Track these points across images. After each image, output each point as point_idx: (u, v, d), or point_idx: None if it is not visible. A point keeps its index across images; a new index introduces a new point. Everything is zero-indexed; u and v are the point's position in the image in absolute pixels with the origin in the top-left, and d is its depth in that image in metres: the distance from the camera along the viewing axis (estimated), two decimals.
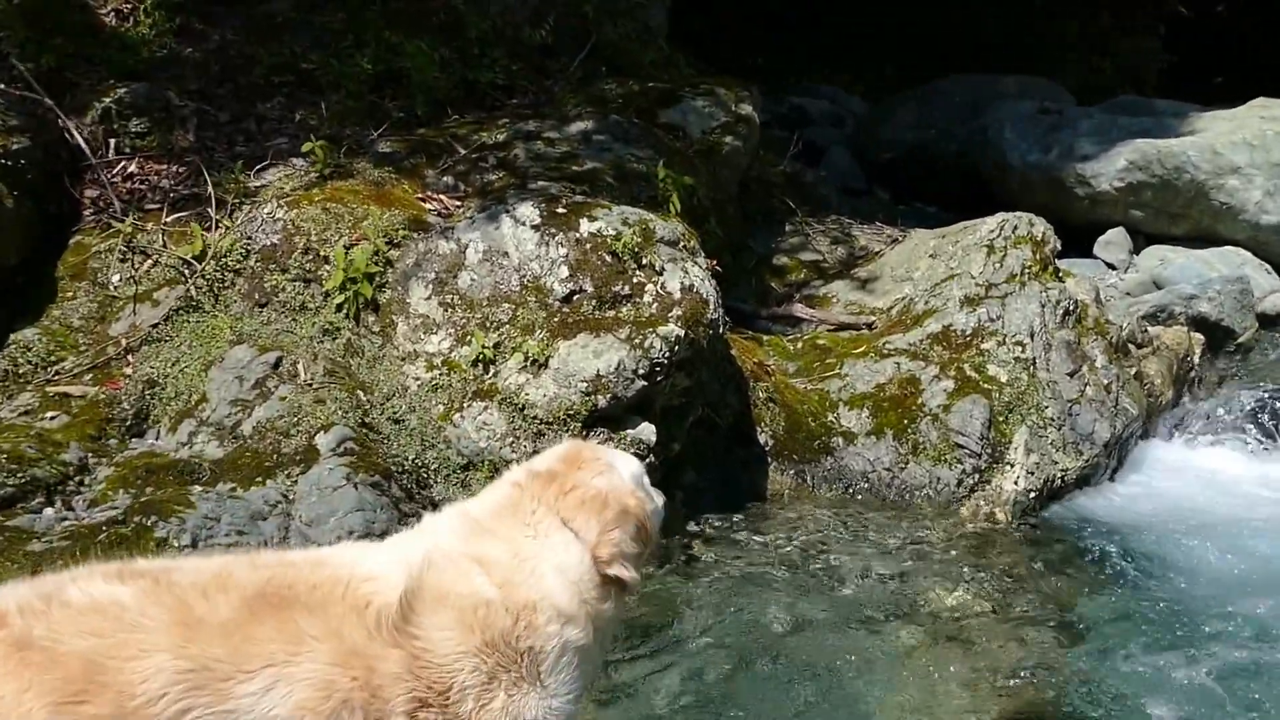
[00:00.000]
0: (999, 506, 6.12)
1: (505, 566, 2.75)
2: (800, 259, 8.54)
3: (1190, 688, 4.57)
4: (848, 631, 4.94)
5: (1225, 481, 6.90)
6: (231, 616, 2.45)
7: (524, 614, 2.70)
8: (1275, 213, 9.60)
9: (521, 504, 2.91)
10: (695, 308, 5.69)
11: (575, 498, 2.90)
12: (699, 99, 8.03)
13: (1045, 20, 15.59)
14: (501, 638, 2.66)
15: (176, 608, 2.42)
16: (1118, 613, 5.19)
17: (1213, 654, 4.81)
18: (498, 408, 5.41)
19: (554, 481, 2.94)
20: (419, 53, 7.57)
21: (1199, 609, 5.22)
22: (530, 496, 2.91)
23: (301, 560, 2.79)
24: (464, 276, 5.79)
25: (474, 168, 6.81)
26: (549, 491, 2.91)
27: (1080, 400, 6.61)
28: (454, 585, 2.68)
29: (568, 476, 2.96)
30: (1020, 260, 7.04)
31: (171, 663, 2.34)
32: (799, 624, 4.96)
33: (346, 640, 2.52)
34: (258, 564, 2.68)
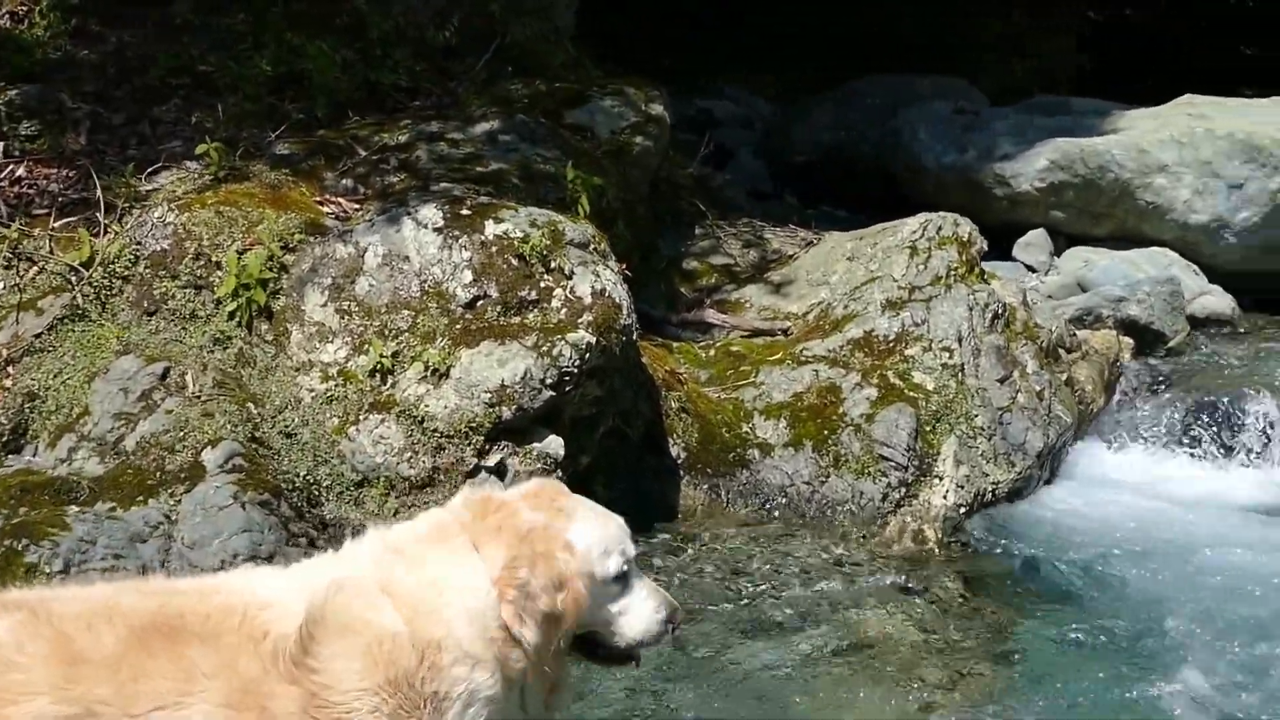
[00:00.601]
0: (927, 523, 6.08)
1: (412, 596, 2.59)
2: (711, 262, 8.53)
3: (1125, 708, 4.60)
4: (766, 660, 4.88)
5: (1160, 490, 6.91)
6: (118, 650, 2.33)
7: (429, 652, 2.52)
8: (1204, 212, 9.72)
9: (449, 529, 2.76)
10: (607, 313, 5.66)
11: (493, 523, 2.73)
12: (608, 99, 8.01)
13: (961, 21, 15.78)
14: (405, 677, 2.49)
15: (57, 642, 2.30)
16: (1052, 636, 5.18)
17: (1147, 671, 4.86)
18: (395, 420, 5.33)
19: (490, 509, 2.79)
20: (320, 54, 7.49)
21: (1134, 627, 5.25)
22: (459, 522, 2.76)
23: (194, 587, 2.67)
24: (362, 282, 5.70)
25: (375, 169, 6.74)
26: (478, 517, 2.76)
27: (1011, 408, 6.62)
28: (360, 614, 2.52)
29: (507, 505, 2.79)
30: (945, 262, 7.06)
31: (52, 708, 2.22)
32: (713, 652, 4.91)
33: (240, 675, 2.40)
34: (146, 591, 2.57)
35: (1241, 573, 5.83)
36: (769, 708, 4.57)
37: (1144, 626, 5.25)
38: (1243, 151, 9.72)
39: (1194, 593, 5.57)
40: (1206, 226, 9.83)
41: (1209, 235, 9.88)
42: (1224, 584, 5.70)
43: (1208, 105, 10.58)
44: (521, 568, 2.62)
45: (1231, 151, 9.73)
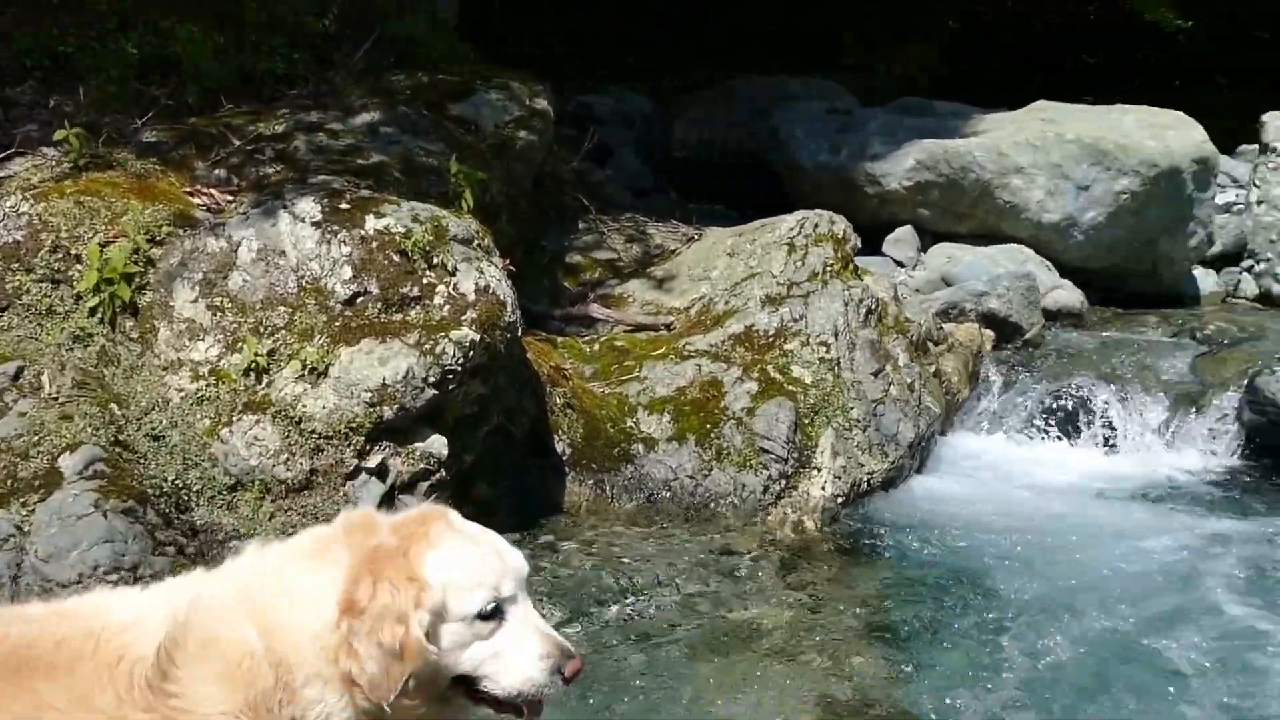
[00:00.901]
0: (807, 513, 5.81)
1: (267, 612, 2.18)
2: (595, 257, 8.11)
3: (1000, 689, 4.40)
4: (652, 652, 4.56)
5: (1022, 475, 6.90)
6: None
7: (282, 672, 2.14)
8: (1056, 211, 9.69)
9: (323, 546, 2.32)
10: (491, 310, 5.19)
11: (355, 543, 2.28)
12: (492, 92, 7.51)
13: (828, 27, 15.67)
14: (264, 700, 2.11)
15: None
16: (929, 620, 4.97)
17: (1015, 646, 4.71)
18: (271, 421, 4.81)
19: (358, 529, 2.33)
20: (191, 38, 6.83)
21: (1006, 608, 5.09)
22: (333, 540, 2.32)
23: (45, 612, 2.25)
24: (235, 277, 5.14)
25: (249, 160, 6.13)
26: (354, 535, 2.31)
27: (885, 400, 6.39)
28: (219, 633, 2.13)
29: (374, 527, 2.34)
30: (822, 258, 6.78)
31: None
32: (600, 646, 4.57)
33: (95, 708, 2.02)
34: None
35: (1094, 550, 5.79)
36: (652, 704, 4.23)
37: (1011, 604, 5.12)
38: (1089, 155, 9.72)
39: (1053, 570, 5.49)
40: (1058, 225, 9.80)
41: (1060, 233, 9.85)
42: (1080, 561, 5.63)
43: (1057, 111, 10.55)
44: (358, 595, 2.18)
45: (1080, 155, 9.73)
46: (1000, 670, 4.55)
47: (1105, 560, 5.68)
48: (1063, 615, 5.01)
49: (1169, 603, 5.21)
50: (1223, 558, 5.72)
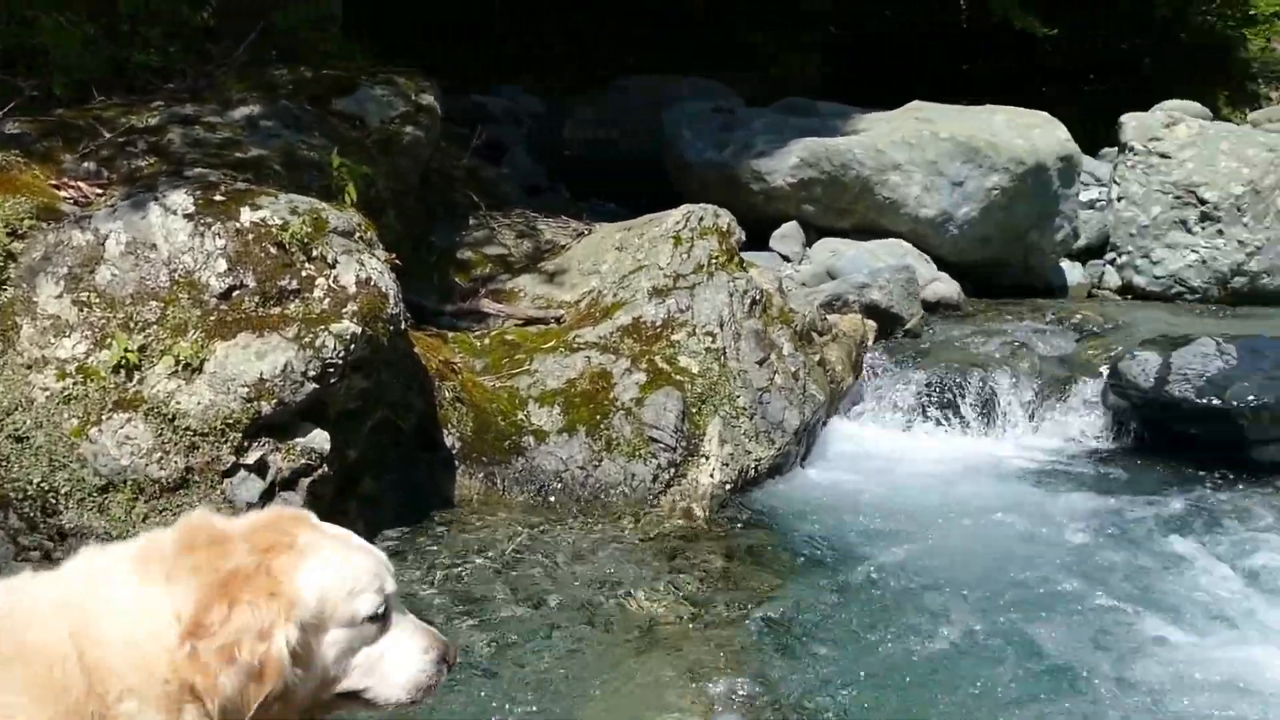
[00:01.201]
0: (695, 501, 5.61)
1: (86, 618, 1.94)
2: (486, 253, 7.85)
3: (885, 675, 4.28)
4: (542, 644, 4.33)
5: (904, 461, 6.82)
6: None
7: (96, 681, 1.90)
8: (932, 206, 9.70)
9: (153, 552, 2.06)
10: (373, 302, 4.90)
11: (200, 559, 2.02)
12: (378, 88, 7.20)
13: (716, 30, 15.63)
14: (77, 709, 1.87)
15: None
16: (813, 605, 4.80)
17: (897, 633, 4.59)
18: (143, 419, 4.46)
19: (200, 542, 2.07)
20: (58, 28, 6.40)
21: (890, 593, 4.97)
22: (166, 548, 2.07)
23: None
24: (103, 271, 4.77)
25: (121, 153, 5.75)
26: (184, 550, 2.05)
27: (770, 388, 6.21)
28: (30, 639, 1.89)
29: (219, 540, 2.09)
30: (707, 251, 6.60)
31: None
32: (490, 640, 4.32)
33: None
34: None
35: (969, 530, 5.77)
36: (540, 695, 4.01)
37: (891, 586, 5.02)
38: (962, 153, 9.77)
39: (931, 551, 5.42)
40: (934, 220, 9.82)
41: (936, 228, 9.87)
42: (956, 542, 5.58)
43: (932, 110, 10.58)
44: (209, 619, 1.94)
45: (953, 153, 9.77)
46: (878, 653, 4.44)
47: (980, 539, 5.65)
48: (938, 595, 4.93)
49: (1040, 577, 5.15)
50: (1092, 532, 5.75)
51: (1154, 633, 4.60)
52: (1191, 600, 4.92)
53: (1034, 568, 5.27)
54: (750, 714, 3.98)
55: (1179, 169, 10.77)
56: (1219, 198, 10.55)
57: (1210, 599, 4.94)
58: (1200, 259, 10.67)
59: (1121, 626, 4.66)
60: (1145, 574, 5.23)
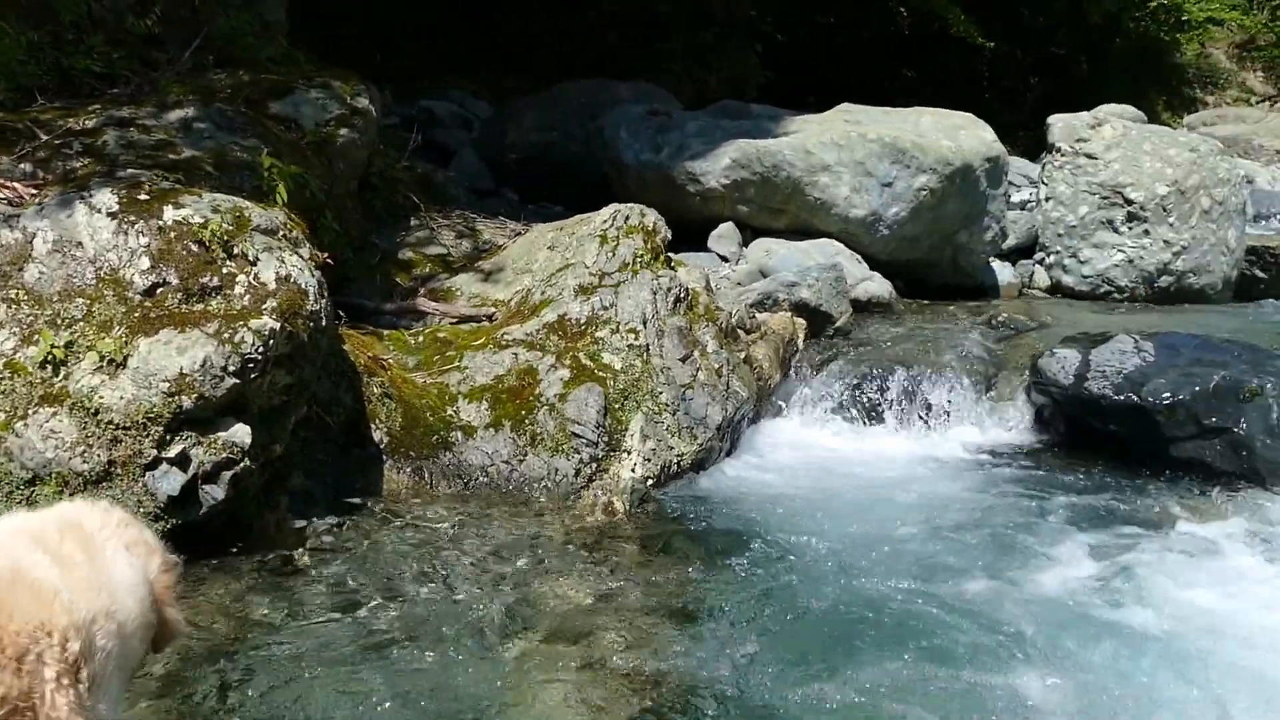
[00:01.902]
0: (617, 495, 5.70)
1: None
2: (426, 253, 7.94)
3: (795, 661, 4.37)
4: (461, 637, 4.40)
5: (830, 458, 6.88)
6: None
7: None
8: (862, 207, 9.83)
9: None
10: (292, 299, 4.98)
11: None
12: (313, 91, 7.27)
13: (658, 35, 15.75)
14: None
15: None
16: (734, 599, 4.88)
17: (814, 625, 4.68)
18: (68, 413, 4.53)
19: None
20: (2, 35, 6.43)
21: (802, 582, 5.05)
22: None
23: None
24: (31, 269, 4.84)
25: (57, 154, 5.79)
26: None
27: (693, 385, 6.32)
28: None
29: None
30: (632, 249, 6.72)
31: None
32: (410, 631, 4.40)
33: None
34: None
35: (889, 525, 5.82)
36: (455, 687, 4.07)
37: (808, 576, 5.09)
38: (890, 154, 9.87)
39: (851, 547, 5.47)
40: (864, 220, 9.94)
41: (866, 228, 9.99)
42: (876, 536, 5.63)
43: (861, 113, 10.74)
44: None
45: (881, 154, 9.87)
46: (788, 639, 4.52)
47: (899, 533, 5.71)
48: (847, 585, 5.00)
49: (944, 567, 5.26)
50: (999, 525, 5.82)
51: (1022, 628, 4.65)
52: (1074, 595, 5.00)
53: (938, 559, 5.37)
54: (661, 702, 4.06)
55: (1105, 169, 10.98)
56: (1144, 198, 10.76)
57: (1089, 595, 5.01)
58: (1127, 258, 10.88)
59: (1003, 618, 4.73)
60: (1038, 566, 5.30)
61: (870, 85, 16.59)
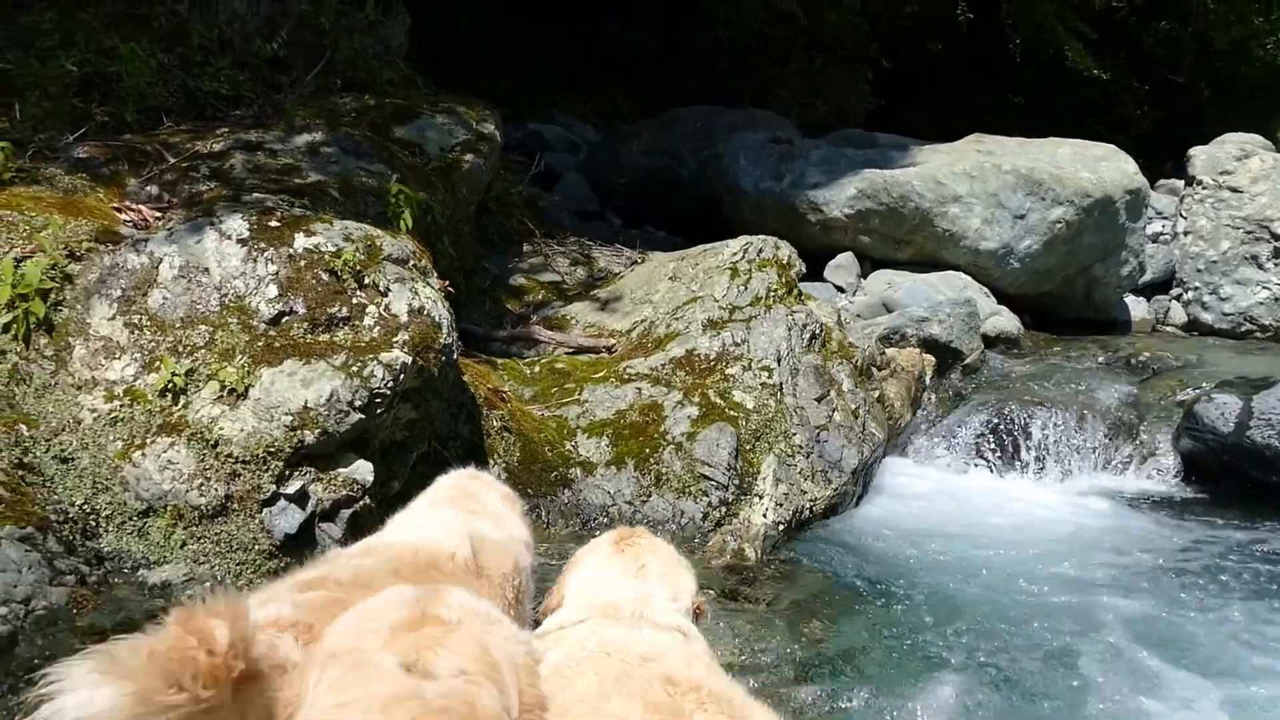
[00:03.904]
0: (747, 541, 5.30)
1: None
2: (539, 280, 7.68)
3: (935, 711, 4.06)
4: None
5: (965, 502, 6.51)
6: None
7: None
8: (993, 239, 9.37)
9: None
10: (425, 332, 4.72)
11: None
12: (439, 116, 7.08)
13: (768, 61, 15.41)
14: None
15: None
16: (872, 654, 4.53)
17: (962, 684, 4.33)
18: (186, 444, 4.31)
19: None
20: (133, 56, 6.32)
21: (949, 640, 4.69)
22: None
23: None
24: (155, 295, 4.64)
25: (184, 177, 5.64)
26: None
27: (828, 426, 5.92)
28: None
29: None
30: (765, 283, 6.35)
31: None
32: None
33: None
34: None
35: (1035, 578, 5.44)
36: None
37: (955, 635, 4.73)
38: (1025, 185, 9.44)
39: (996, 599, 5.14)
40: (994, 253, 9.50)
41: (997, 261, 9.54)
42: (1023, 589, 5.29)
43: (994, 143, 10.30)
44: None
45: (1015, 185, 9.45)
46: (940, 701, 4.16)
47: (1045, 588, 5.33)
48: (1003, 645, 4.64)
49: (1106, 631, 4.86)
50: (1164, 585, 5.40)
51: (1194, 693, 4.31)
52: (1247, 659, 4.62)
53: (1090, 615, 5.00)
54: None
55: (1250, 203, 10.36)
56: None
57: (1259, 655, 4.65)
58: (1272, 295, 10.25)
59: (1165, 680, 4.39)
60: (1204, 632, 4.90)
61: (978, 112, 16.06)
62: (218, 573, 4.20)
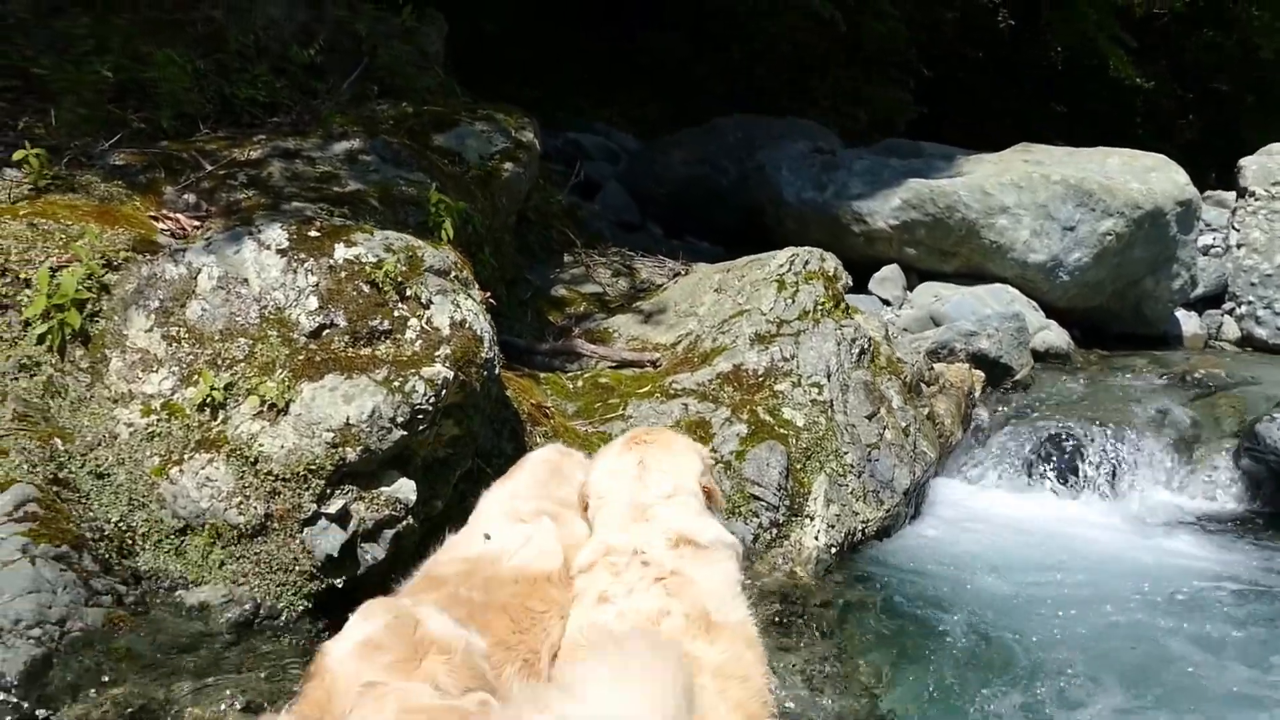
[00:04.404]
0: (799, 564, 5.12)
1: None
2: (580, 291, 7.54)
3: None
4: None
5: (1021, 524, 6.31)
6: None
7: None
8: (1041, 251, 9.17)
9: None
10: (467, 346, 4.58)
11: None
12: (478, 124, 6.96)
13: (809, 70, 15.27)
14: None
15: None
16: (930, 682, 4.40)
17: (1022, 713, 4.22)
18: (225, 460, 4.19)
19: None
20: (169, 62, 6.24)
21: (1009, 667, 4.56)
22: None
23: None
24: (194, 306, 4.53)
25: (221, 185, 5.54)
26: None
27: (879, 445, 5.74)
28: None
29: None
30: (813, 296, 6.18)
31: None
32: None
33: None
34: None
35: (1098, 602, 5.27)
36: None
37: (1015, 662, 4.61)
38: (1075, 196, 9.24)
39: (1058, 625, 4.99)
40: (1043, 265, 9.30)
41: (1045, 273, 9.34)
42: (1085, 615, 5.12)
43: (1042, 152, 10.11)
44: None
45: (1065, 195, 9.25)
46: None
47: (1108, 613, 5.17)
48: (1067, 674, 4.49)
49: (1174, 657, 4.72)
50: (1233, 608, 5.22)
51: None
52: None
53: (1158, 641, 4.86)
54: None
55: None
56: None
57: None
58: None
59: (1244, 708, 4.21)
60: None
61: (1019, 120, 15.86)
62: (257, 594, 4.08)
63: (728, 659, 2.69)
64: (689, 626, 2.72)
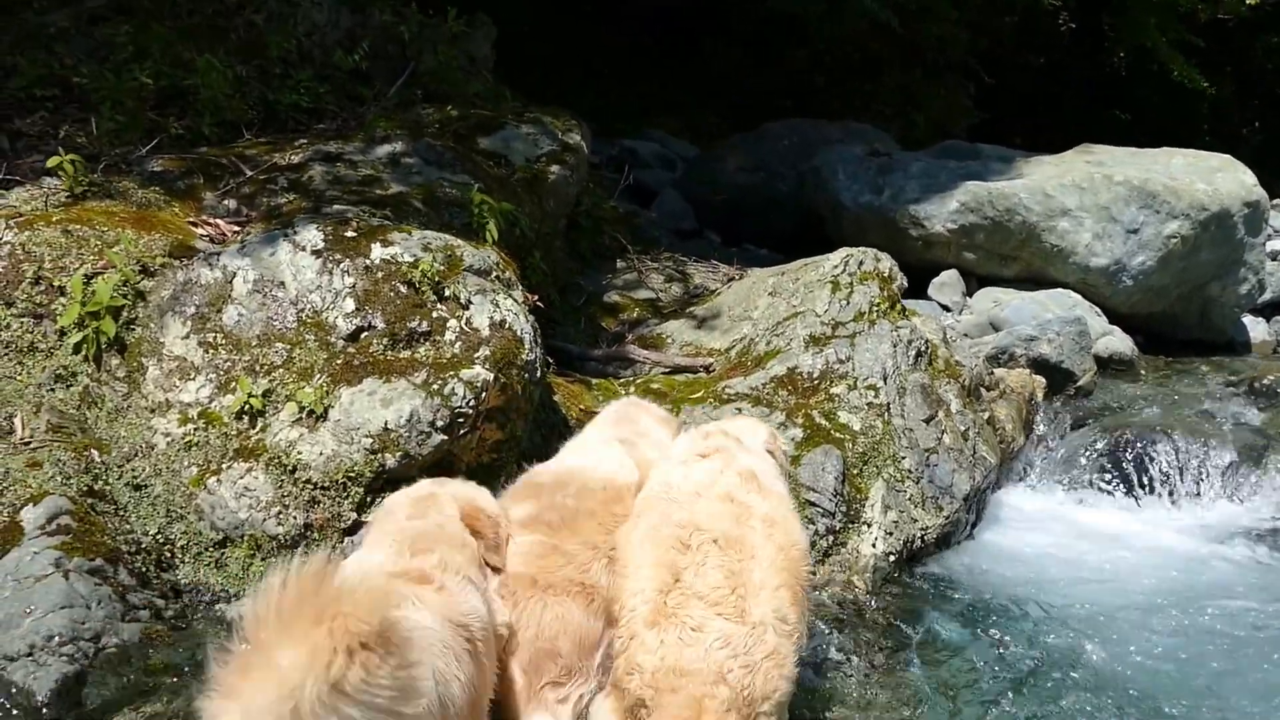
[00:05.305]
0: (856, 573, 4.87)
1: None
2: (634, 297, 7.36)
3: None
4: None
5: (1086, 534, 6.00)
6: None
7: None
8: (1104, 255, 8.84)
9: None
10: (507, 347, 4.41)
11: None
12: (524, 126, 6.82)
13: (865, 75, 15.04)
14: None
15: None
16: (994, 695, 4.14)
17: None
18: (264, 469, 4.06)
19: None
20: (210, 68, 6.16)
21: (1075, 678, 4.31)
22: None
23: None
24: (230, 311, 4.42)
25: (262, 190, 5.44)
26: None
27: (937, 449, 5.47)
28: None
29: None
30: (868, 297, 5.94)
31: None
32: None
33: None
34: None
35: (1169, 612, 5.02)
36: None
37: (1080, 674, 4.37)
38: (1138, 197, 8.90)
39: (1127, 637, 4.74)
40: (1105, 269, 8.97)
41: (1108, 278, 9.01)
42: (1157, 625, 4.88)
43: (1104, 153, 9.78)
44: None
45: (1128, 197, 8.91)
46: None
47: (1179, 623, 4.91)
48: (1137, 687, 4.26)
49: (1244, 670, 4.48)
50: None
51: None
52: None
53: (1241, 657, 4.59)
54: None
55: None
56: None
57: None
58: None
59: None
60: None
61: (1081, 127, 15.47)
62: None
63: (773, 510, 3.26)
64: (743, 482, 3.31)
